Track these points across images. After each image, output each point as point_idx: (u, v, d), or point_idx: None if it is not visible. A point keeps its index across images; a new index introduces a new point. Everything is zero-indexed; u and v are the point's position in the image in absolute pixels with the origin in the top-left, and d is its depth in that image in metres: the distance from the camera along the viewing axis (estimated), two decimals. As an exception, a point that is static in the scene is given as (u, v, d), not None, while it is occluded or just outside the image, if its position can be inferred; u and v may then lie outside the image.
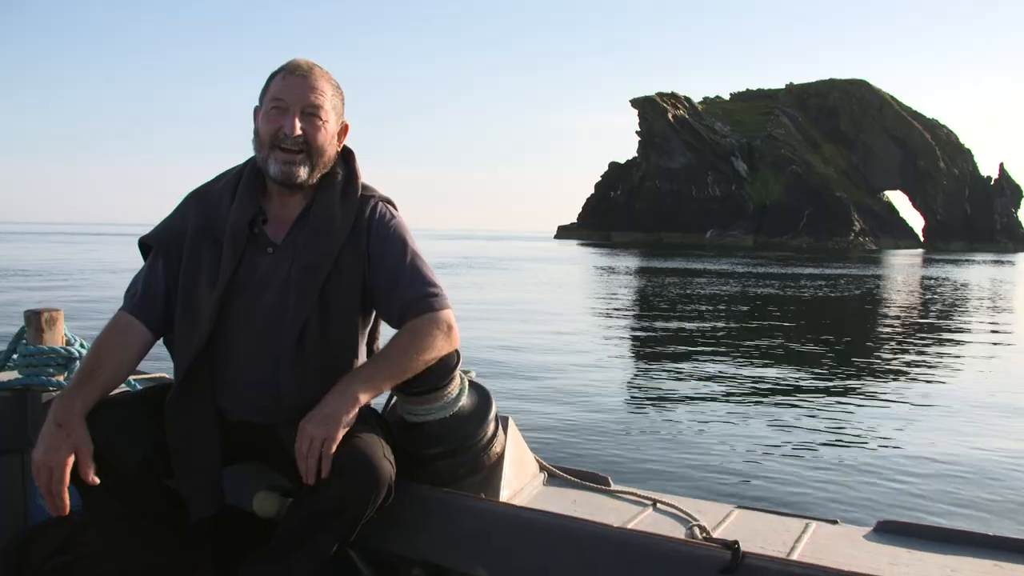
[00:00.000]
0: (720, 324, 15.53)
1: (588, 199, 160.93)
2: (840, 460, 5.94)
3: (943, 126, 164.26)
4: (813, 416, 7.43)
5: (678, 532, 1.99)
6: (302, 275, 2.02)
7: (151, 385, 2.29)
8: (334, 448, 1.83)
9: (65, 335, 2.63)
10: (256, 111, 2.09)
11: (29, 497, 2.56)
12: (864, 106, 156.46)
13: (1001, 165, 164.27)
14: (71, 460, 1.79)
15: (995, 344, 13.76)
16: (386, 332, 2.18)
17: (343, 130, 2.14)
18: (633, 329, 14.96)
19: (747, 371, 9.93)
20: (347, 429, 1.86)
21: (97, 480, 1.81)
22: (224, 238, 2.04)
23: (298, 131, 2.01)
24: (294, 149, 2.02)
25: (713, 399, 8.12)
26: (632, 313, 17.90)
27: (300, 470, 1.84)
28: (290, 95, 2.02)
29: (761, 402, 8.01)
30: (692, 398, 8.15)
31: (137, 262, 2.17)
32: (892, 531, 2.05)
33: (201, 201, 2.13)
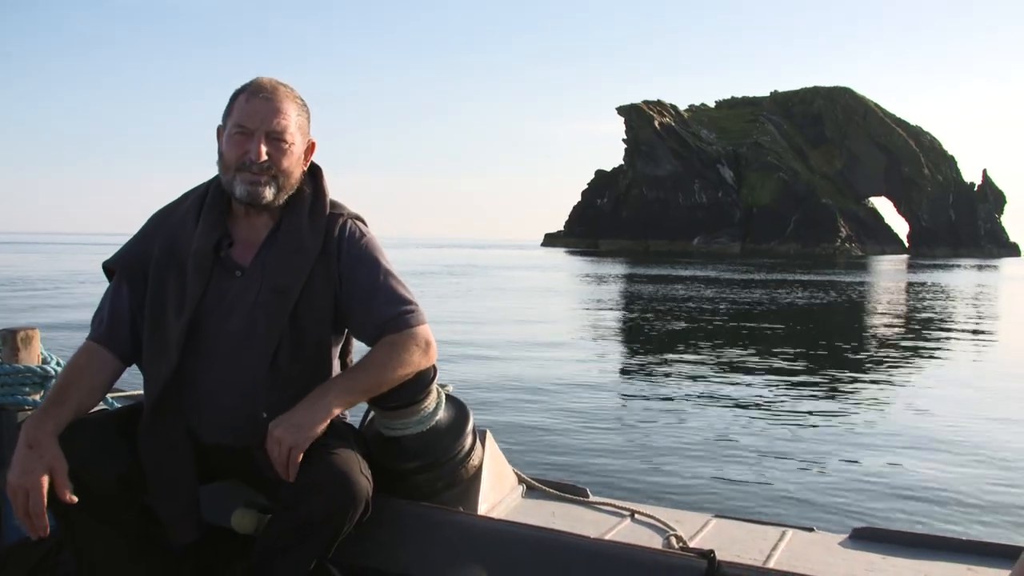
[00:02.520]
0: (702, 333, 15.57)
1: (575, 207, 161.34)
2: (816, 468, 5.97)
3: (927, 133, 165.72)
4: (790, 425, 7.46)
5: (655, 542, 2.01)
6: (272, 297, 1.99)
7: (127, 404, 2.28)
8: (300, 456, 1.83)
9: (41, 353, 2.60)
10: (220, 131, 2.05)
11: (4, 517, 2.54)
12: (848, 113, 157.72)
13: (984, 171, 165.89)
14: (46, 480, 1.77)
15: (975, 351, 13.84)
16: (358, 348, 2.17)
17: (309, 148, 2.11)
18: (613, 339, 14.96)
19: (726, 381, 9.94)
20: (316, 438, 1.85)
21: (75, 499, 1.80)
22: (188, 263, 2.01)
23: (263, 156, 1.98)
24: (260, 172, 1.99)
25: (691, 409, 8.12)
26: (614, 322, 17.92)
27: (279, 472, 1.84)
28: (254, 120, 1.98)
29: (739, 411, 8.03)
30: (670, 408, 8.15)
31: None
32: (867, 538, 2.08)
33: (165, 223, 2.09)
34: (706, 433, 7.02)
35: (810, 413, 8.01)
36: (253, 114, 1.98)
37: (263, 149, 1.98)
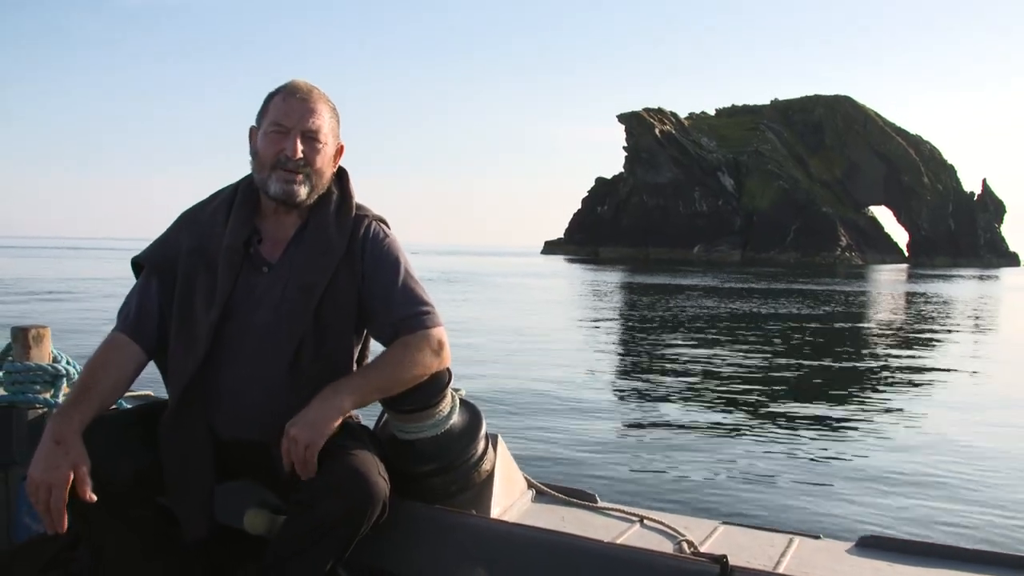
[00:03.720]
0: (706, 341, 15.56)
1: (575, 214, 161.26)
2: (823, 476, 5.98)
3: (926, 142, 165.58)
4: (796, 433, 7.47)
5: (666, 548, 2.01)
6: (298, 294, 2.03)
7: (141, 403, 2.30)
8: (316, 454, 1.86)
9: (52, 352, 2.62)
10: (252, 132, 2.11)
11: (13, 514, 2.54)
12: (848, 122, 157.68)
13: (984, 181, 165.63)
14: (71, 477, 1.78)
15: (978, 360, 13.85)
16: (375, 350, 2.19)
17: (339, 151, 2.17)
18: (620, 346, 14.98)
19: (732, 389, 9.96)
20: (329, 435, 1.88)
21: (95, 497, 1.80)
22: (219, 258, 2.05)
23: (299, 154, 2.04)
24: (295, 170, 2.05)
25: (698, 417, 8.14)
26: (619, 330, 17.94)
27: (297, 471, 1.86)
28: (290, 118, 2.05)
29: (745, 419, 8.04)
30: (677, 416, 8.16)
31: (130, 279, 2.18)
32: (874, 546, 2.09)
33: (195, 221, 2.14)
34: (712, 440, 7.03)
35: (815, 421, 8.03)
36: (290, 112, 2.05)
37: (299, 146, 2.04)
